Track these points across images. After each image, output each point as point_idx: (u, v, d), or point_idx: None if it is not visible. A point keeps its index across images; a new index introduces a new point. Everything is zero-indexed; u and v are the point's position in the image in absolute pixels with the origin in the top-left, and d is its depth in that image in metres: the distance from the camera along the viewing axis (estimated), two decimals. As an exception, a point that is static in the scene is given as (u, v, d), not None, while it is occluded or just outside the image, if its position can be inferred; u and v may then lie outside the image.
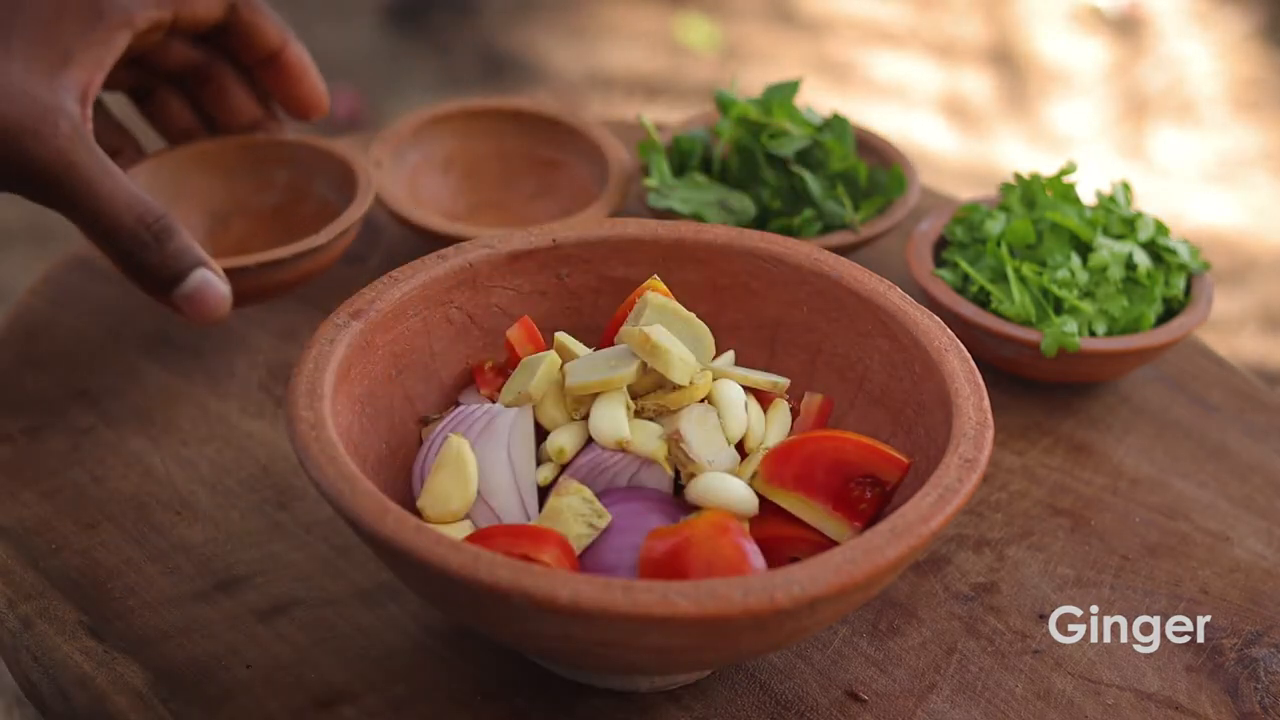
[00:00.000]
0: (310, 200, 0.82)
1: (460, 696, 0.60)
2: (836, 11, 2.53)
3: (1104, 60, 2.43)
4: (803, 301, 0.66)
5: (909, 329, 0.62)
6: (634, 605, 0.49)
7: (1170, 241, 0.80)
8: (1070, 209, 0.80)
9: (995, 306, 0.77)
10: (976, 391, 0.59)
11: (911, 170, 0.86)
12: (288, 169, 0.83)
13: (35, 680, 0.62)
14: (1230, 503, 0.73)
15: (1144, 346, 0.76)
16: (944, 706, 0.61)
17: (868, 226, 0.82)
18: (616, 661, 0.55)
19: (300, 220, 0.81)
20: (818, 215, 0.82)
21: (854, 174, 0.84)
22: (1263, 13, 2.53)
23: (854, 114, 0.92)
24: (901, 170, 0.85)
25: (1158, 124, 2.28)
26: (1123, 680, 0.63)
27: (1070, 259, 0.78)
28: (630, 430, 0.58)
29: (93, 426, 0.74)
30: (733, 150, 0.84)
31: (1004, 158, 2.19)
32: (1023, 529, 0.71)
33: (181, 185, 0.82)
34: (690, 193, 0.82)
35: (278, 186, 0.83)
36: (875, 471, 0.58)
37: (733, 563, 0.54)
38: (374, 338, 0.62)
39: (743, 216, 0.81)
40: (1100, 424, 0.78)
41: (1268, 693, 0.63)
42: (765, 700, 0.61)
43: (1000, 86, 2.36)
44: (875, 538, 0.52)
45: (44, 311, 0.82)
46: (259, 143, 0.83)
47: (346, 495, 0.53)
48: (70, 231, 0.69)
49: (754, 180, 0.84)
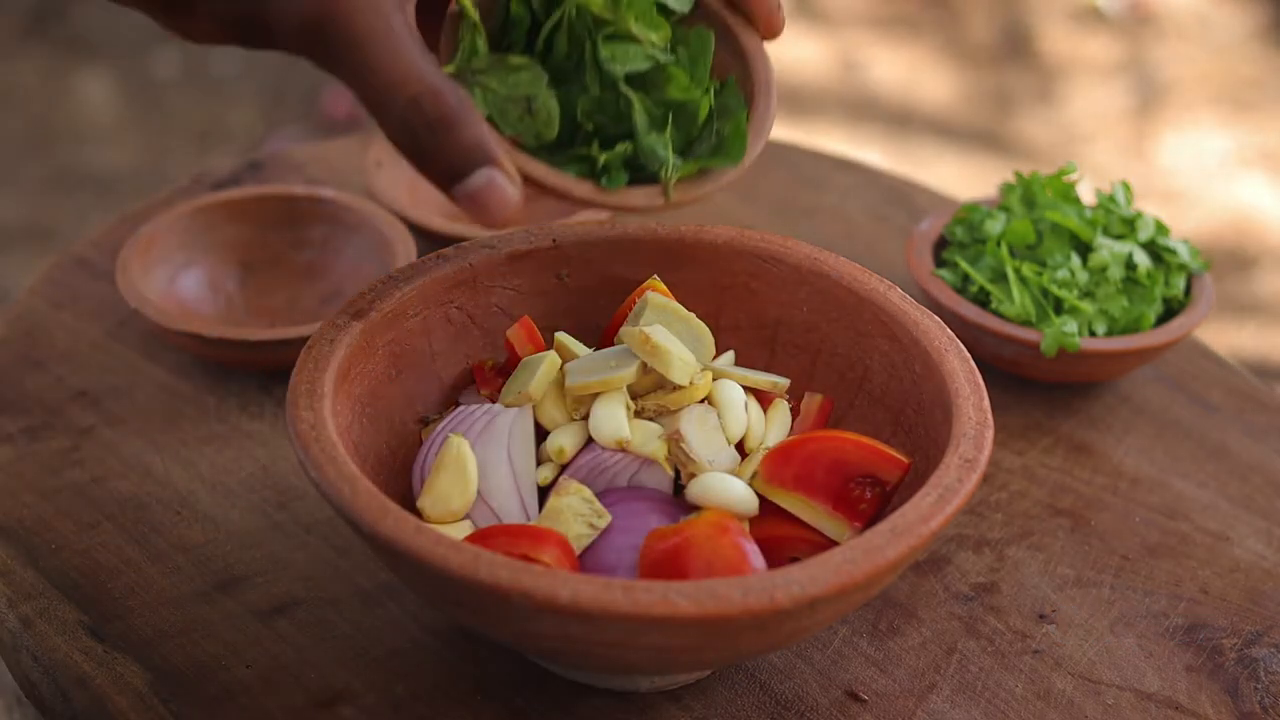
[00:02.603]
0: (343, 260, 0.82)
1: (460, 696, 0.60)
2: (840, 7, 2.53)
3: (1104, 60, 2.43)
4: (803, 301, 0.66)
5: (909, 329, 0.62)
6: (634, 605, 0.49)
7: (1170, 241, 0.80)
8: (1070, 209, 0.80)
9: (995, 306, 0.77)
10: (976, 391, 0.59)
11: (762, 121, 0.61)
12: (324, 226, 0.83)
13: (35, 680, 0.62)
14: (1230, 503, 0.73)
15: (1144, 346, 0.76)
16: (944, 706, 0.61)
17: (682, 188, 0.59)
18: (616, 661, 0.54)
19: (331, 281, 0.81)
20: (633, 154, 0.60)
21: (693, 109, 0.61)
22: (1263, 13, 2.53)
23: (855, 111, 0.91)
24: (743, 122, 0.61)
25: (1158, 124, 2.28)
26: (1123, 680, 0.63)
27: (1070, 259, 0.78)
28: (630, 430, 0.58)
29: (93, 426, 0.74)
30: (563, 33, 0.62)
31: (1003, 158, 2.19)
32: (1023, 529, 0.71)
33: (215, 234, 0.82)
34: (500, 79, 0.60)
35: (313, 243, 0.83)
36: (875, 471, 0.58)
37: (733, 563, 0.54)
38: (374, 338, 0.62)
39: (544, 134, 0.59)
40: (1100, 424, 0.78)
41: (1268, 693, 0.63)
42: (765, 700, 0.61)
43: (1000, 86, 2.36)
44: (875, 538, 0.52)
45: (44, 311, 0.82)
46: (297, 196, 0.83)
47: (346, 496, 0.53)
48: (70, 231, 0.69)
49: (577, 80, 0.62)
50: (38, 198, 2.07)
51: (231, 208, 0.82)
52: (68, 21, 2.59)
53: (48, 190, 2.09)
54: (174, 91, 2.42)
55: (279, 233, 0.83)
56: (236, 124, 2.31)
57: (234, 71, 2.44)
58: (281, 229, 0.83)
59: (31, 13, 2.60)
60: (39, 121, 2.33)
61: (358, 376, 0.61)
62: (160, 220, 0.81)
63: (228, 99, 2.35)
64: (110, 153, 2.23)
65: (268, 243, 0.83)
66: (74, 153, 2.22)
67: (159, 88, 2.43)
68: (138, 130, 2.41)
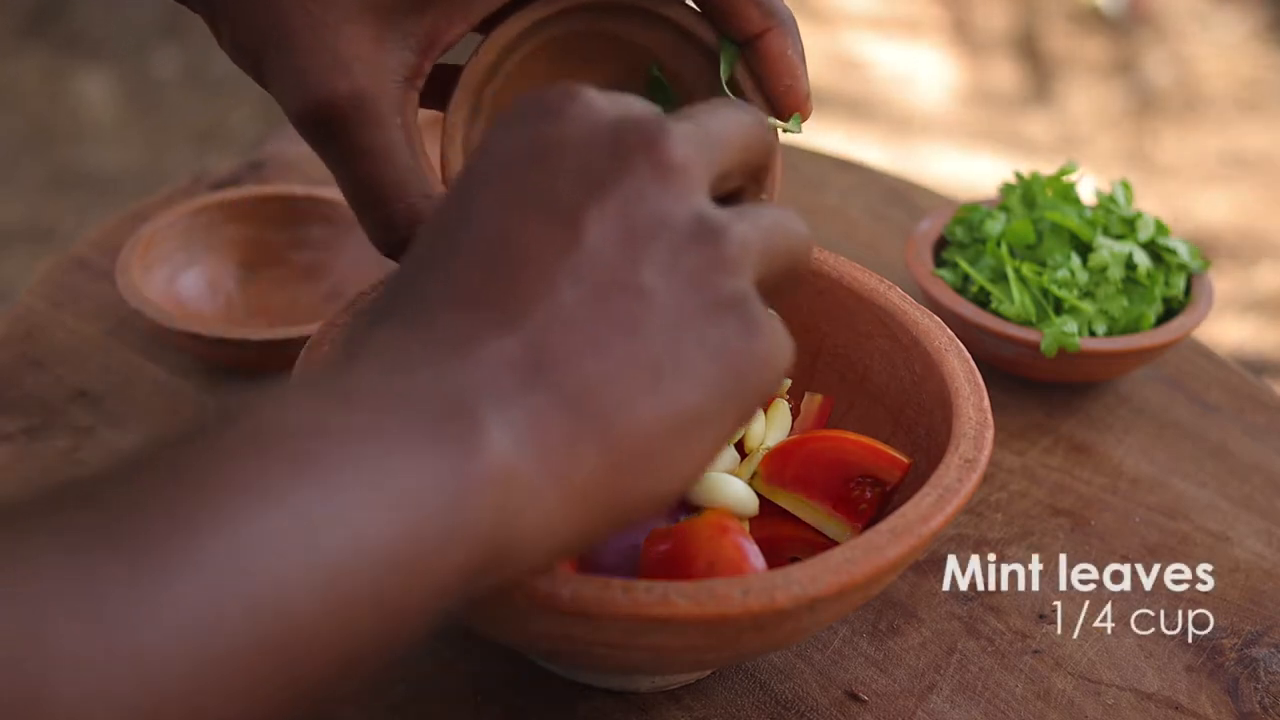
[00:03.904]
0: (343, 260, 0.82)
1: (460, 696, 0.60)
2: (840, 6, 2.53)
3: (1104, 60, 2.43)
4: (803, 302, 0.66)
5: (909, 329, 0.62)
6: (634, 605, 0.48)
7: (1170, 241, 0.80)
8: (1070, 209, 0.80)
9: (995, 306, 0.77)
10: (976, 391, 0.59)
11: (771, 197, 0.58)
12: (324, 226, 0.83)
13: (35, 680, 0.62)
14: (1230, 503, 0.73)
15: (1144, 346, 0.76)
16: (944, 706, 0.61)
17: None
18: (616, 661, 0.54)
19: (331, 281, 0.81)
20: None
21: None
22: (1263, 13, 2.53)
23: (855, 111, 0.91)
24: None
25: (1158, 123, 2.28)
26: (1123, 680, 0.63)
27: (1070, 259, 0.78)
28: (630, 430, 0.58)
29: (93, 426, 0.74)
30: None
31: (1003, 158, 2.19)
32: (1023, 529, 0.71)
33: (215, 234, 0.82)
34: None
35: (313, 243, 0.83)
36: (875, 471, 0.58)
37: (733, 563, 0.54)
38: (374, 338, 0.62)
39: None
40: (1100, 424, 0.78)
41: (1268, 693, 0.63)
42: (765, 700, 0.61)
43: (1000, 86, 2.36)
44: (875, 538, 0.52)
45: (44, 311, 0.82)
46: (297, 196, 0.83)
47: (346, 495, 0.52)
48: (70, 231, 0.69)
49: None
50: (38, 197, 2.07)
51: (231, 208, 0.82)
52: (68, 21, 2.59)
53: (48, 190, 2.09)
54: (174, 91, 2.42)
55: (279, 233, 0.83)
56: (236, 124, 2.31)
57: (234, 71, 2.44)
58: (281, 229, 0.83)
59: (31, 12, 2.60)
60: (39, 121, 2.33)
61: (358, 376, 0.60)
62: (160, 220, 0.81)
63: (228, 99, 2.35)
64: (110, 152, 2.23)
65: (268, 243, 0.83)
66: (74, 152, 2.22)
67: (159, 88, 2.43)
68: (138, 130, 2.41)
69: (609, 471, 0.39)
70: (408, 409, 0.37)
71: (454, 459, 0.37)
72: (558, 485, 0.39)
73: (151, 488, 0.33)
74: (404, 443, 0.36)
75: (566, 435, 0.39)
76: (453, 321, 0.40)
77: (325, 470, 0.35)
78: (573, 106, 0.43)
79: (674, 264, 0.41)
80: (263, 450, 0.34)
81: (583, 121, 0.43)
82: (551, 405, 0.39)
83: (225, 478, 0.33)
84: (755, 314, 0.42)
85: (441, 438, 0.37)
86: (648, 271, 0.41)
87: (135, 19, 2.60)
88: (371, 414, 0.37)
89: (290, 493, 0.34)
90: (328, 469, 0.35)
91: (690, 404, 0.40)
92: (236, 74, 0.59)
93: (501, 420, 0.38)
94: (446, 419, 0.37)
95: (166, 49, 2.51)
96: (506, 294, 0.40)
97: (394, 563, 0.35)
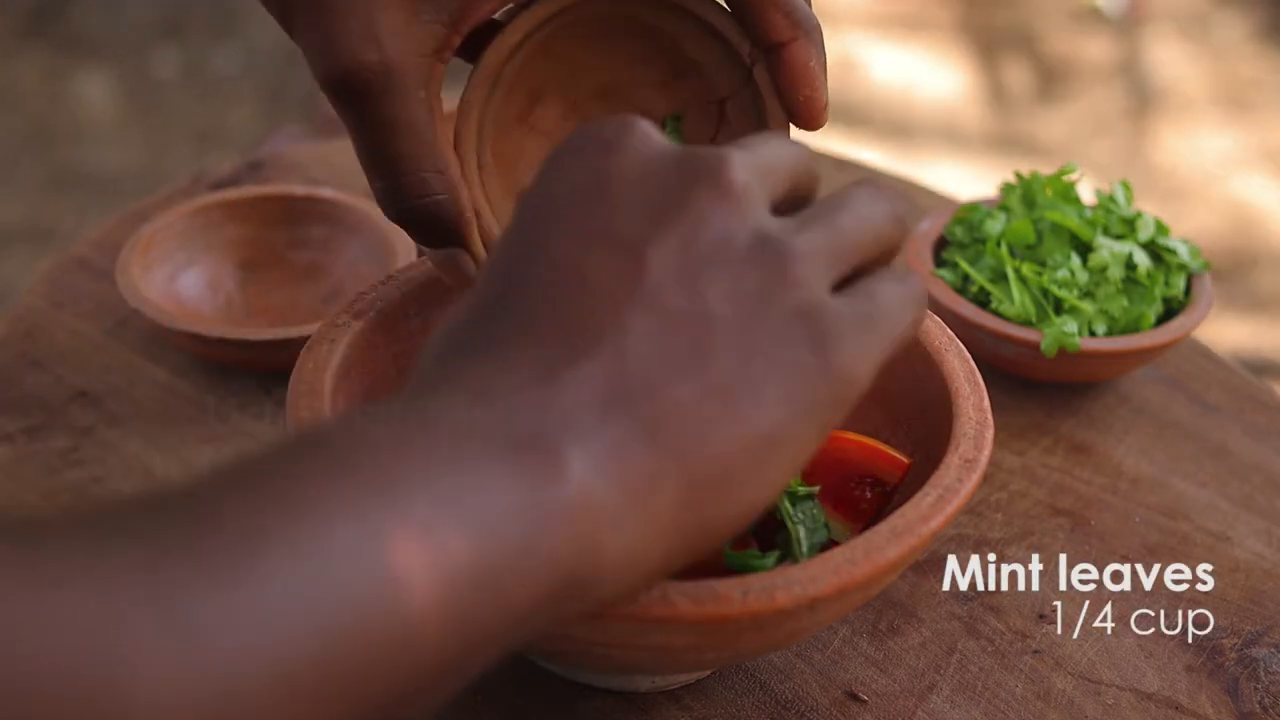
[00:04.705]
0: (342, 261, 0.82)
1: (460, 697, 0.60)
2: (840, 6, 2.53)
3: (1104, 60, 2.43)
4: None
5: (909, 329, 0.62)
6: (634, 605, 0.49)
7: (1170, 241, 0.80)
8: (1070, 209, 0.80)
9: (995, 306, 0.77)
10: (976, 391, 0.59)
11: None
12: (324, 226, 0.83)
13: (35, 680, 0.62)
14: (1230, 503, 0.73)
15: (1144, 346, 0.76)
16: (944, 706, 0.61)
17: None
18: (616, 661, 0.54)
19: (331, 281, 0.81)
20: None
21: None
22: (1263, 13, 2.53)
23: (855, 111, 0.91)
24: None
25: (1158, 123, 2.28)
26: (1123, 680, 0.63)
27: (1070, 259, 0.78)
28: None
29: (93, 426, 0.74)
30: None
31: (1003, 158, 2.19)
32: (1023, 529, 0.71)
33: (215, 234, 0.82)
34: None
35: (313, 243, 0.83)
36: (875, 471, 0.58)
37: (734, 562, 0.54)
38: (374, 338, 0.62)
39: None
40: (1100, 424, 0.78)
41: (1268, 693, 0.63)
42: (765, 700, 0.61)
43: (1000, 86, 2.36)
44: (875, 538, 0.52)
45: (44, 311, 0.82)
46: (297, 196, 0.83)
47: (346, 495, 0.53)
48: (70, 231, 0.69)
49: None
50: (38, 197, 2.07)
51: (231, 208, 0.82)
52: (68, 21, 2.59)
53: (48, 190, 2.09)
54: (174, 91, 2.42)
55: (279, 233, 0.83)
56: (236, 124, 2.31)
57: (234, 71, 2.44)
58: (281, 229, 0.83)
59: (31, 12, 2.60)
60: (39, 121, 2.33)
61: (358, 376, 0.61)
62: (160, 220, 0.81)
63: (228, 99, 2.35)
64: (110, 152, 2.24)
65: (268, 243, 0.83)
66: (74, 152, 2.22)
67: (159, 88, 2.43)
68: (138, 130, 2.41)
69: (688, 499, 0.40)
70: (488, 439, 0.37)
71: (533, 489, 0.37)
72: (639, 516, 0.39)
73: (232, 501, 0.33)
74: (483, 470, 0.37)
75: (645, 466, 0.39)
76: (528, 355, 0.40)
77: (406, 490, 0.35)
78: (630, 139, 0.43)
79: (738, 287, 0.41)
80: (343, 471, 0.35)
81: (641, 153, 0.43)
82: (630, 437, 0.39)
83: (304, 495, 0.34)
84: (826, 325, 0.42)
85: (521, 468, 0.37)
86: (714, 297, 0.41)
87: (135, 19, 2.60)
88: (452, 441, 0.37)
89: (369, 511, 0.34)
90: (408, 489, 0.35)
91: (764, 426, 0.40)
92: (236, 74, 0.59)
93: (581, 452, 0.38)
94: (526, 450, 0.38)
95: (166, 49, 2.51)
96: (577, 328, 0.40)
97: (471, 585, 0.35)
